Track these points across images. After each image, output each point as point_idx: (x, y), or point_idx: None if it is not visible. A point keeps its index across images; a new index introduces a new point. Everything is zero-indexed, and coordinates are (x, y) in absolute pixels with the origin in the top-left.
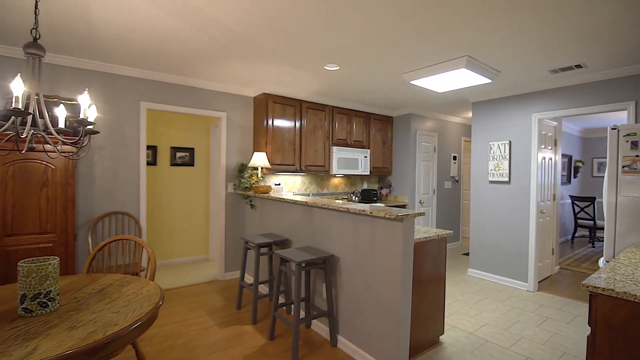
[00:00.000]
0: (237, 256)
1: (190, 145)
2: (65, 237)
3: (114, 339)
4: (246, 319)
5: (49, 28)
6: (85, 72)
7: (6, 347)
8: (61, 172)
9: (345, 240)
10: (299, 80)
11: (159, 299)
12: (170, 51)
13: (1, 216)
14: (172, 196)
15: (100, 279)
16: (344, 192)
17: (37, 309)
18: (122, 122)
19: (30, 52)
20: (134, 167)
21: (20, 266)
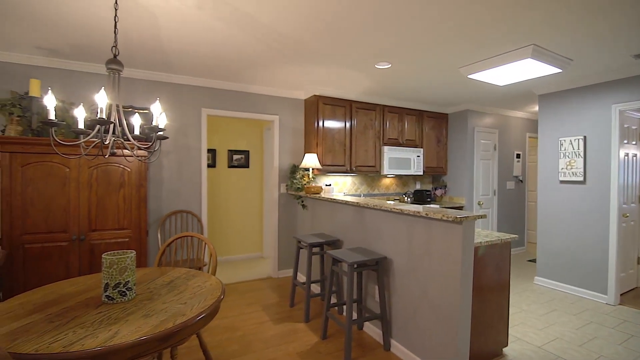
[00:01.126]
0: (290, 255)
1: (245, 148)
2: (139, 233)
3: (182, 328)
4: (299, 316)
5: (125, 45)
6: (155, 83)
7: (93, 329)
8: (135, 175)
9: (398, 242)
10: (349, 81)
11: (220, 293)
12: (227, 60)
13: (87, 214)
14: (229, 196)
15: (169, 272)
16: (395, 193)
17: (118, 297)
18: (186, 128)
19: (111, 67)
20: (196, 170)
21: (104, 258)
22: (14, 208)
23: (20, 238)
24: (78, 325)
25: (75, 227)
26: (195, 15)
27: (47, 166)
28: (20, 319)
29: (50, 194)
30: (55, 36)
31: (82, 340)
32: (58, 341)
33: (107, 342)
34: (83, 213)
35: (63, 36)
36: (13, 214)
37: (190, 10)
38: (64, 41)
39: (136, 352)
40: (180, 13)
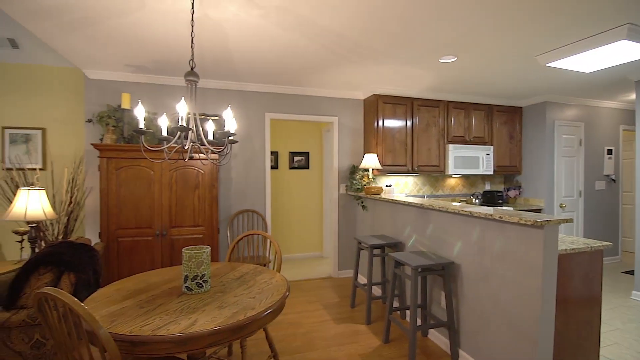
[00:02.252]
0: (350, 255)
1: (305, 150)
2: (211, 230)
3: (252, 321)
4: (360, 318)
5: (198, 58)
6: (224, 91)
7: (175, 317)
8: (208, 176)
9: (466, 247)
10: (410, 78)
11: (286, 289)
12: (289, 65)
13: (168, 212)
14: (291, 197)
15: (238, 267)
16: (461, 194)
17: (195, 288)
18: (251, 132)
19: (189, 79)
20: (260, 171)
21: (184, 252)
22: (110, 206)
23: (115, 232)
24: (163, 312)
25: (159, 224)
26: (259, 24)
27: (136, 169)
28: (117, 303)
29: (139, 194)
30: (141, 55)
31: (167, 325)
32: (148, 325)
33: (188, 329)
34: (165, 211)
35: (147, 54)
36: (110, 212)
37: (255, 20)
38: (148, 58)
39: (212, 341)
40: (246, 24)
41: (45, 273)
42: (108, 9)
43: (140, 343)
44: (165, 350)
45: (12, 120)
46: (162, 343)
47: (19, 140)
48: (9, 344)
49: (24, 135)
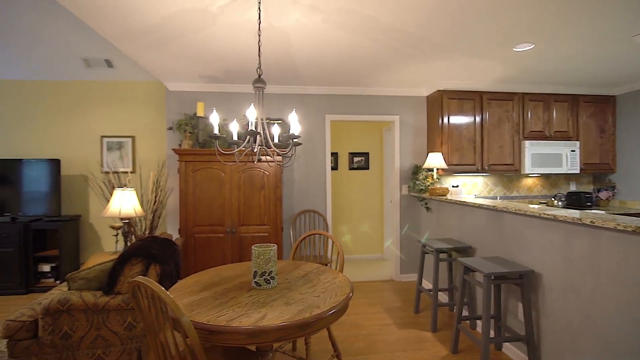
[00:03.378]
0: (412, 258)
1: (365, 150)
2: (276, 228)
3: (317, 319)
4: (424, 324)
5: (263, 65)
6: (286, 96)
7: (246, 310)
8: (273, 178)
9: (548, 255)
10: (478, 71)
11: (349, 290)
12: (348, 66)
13: (237, 211)
14: (351, 197)
15: (302, 266)
16: (541, 196)
17: (264, 284)
18: (312, 134)
19: (257, 85)
20: (321, 172)
21: (253, 249)
22: (188, 205)
23: (192, 229)
24: (235, 304)
25: (229, 222)
26: (320, 28)
27: (209, 171)
28: (195, 294)
29: (211, 194)
30: (213, 66)
31: (239, 317)
32: (222, 316)
33: (258, 323)
34: (234, 210)
35: (218, 65)
36: (187, 210)
37: (316, 25)
38: (219, 69)
39: (280, 335)
40: (307, 29)
41: (136, 264)
42: (186, 27)
43: (216, 332)
44: (237, 340)
45: (108, 130)
46: (235, 334)
47: (114, 147)
48: (107, 325)
49: (118, 142)
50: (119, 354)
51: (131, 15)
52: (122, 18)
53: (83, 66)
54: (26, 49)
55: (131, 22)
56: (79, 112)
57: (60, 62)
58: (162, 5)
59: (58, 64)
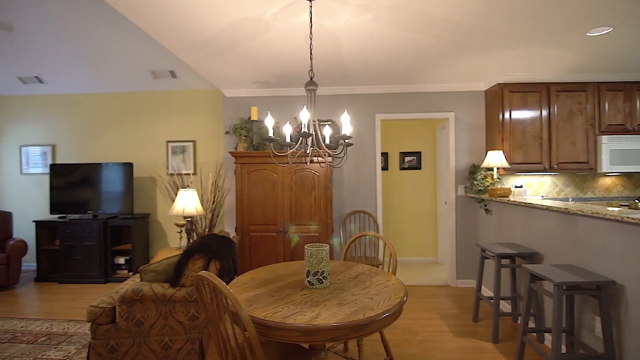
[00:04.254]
0: (470, 263)
1: (417, 149)
2: (326, 229)
3: (371, 322)
4: (484, 334)
5: (313, 68)
6: (335, 97)
7: (300, 308)
8: (323, 178)
9: (634, 264)
10: (545, 60)
11: (403, 294)
12: (399, 63)
13: (289, 211)
14: (402, 198)
15: (354, 267)
16: (621, 197)
17: (316, 284)
18: (362, 134)
19: (309, 88)
20: (371, 173)
21: (306, 249)
22: (244, 205)
23: (247, 228)
24: (290, 302)
25: (281, 221)
26: (371, 27)
27: (262, 173)
28: (252, 290)
29: (265, 195)
30: (265, 71)
31: (294, 315)
32: (278, 312)
33: (312, 321)
34: (286, 210)
35: (271, 70)
36: (243, 209)
37: (366, 24)
38: (271, 74)
39: (333, 335)
40: (358, 28)
41: (199, 259)
42: (241, 36)
43: (272, 328)
44: (292, 337)
45: (172, 135)
46: (291, 331)
47: (178, 151)
48: (173, 314)
49: (181, 146)
50: (184, 343)
51: (193, 28)
52: (185, 31)
53: (151, 78)
54: (103, 65)
55: (193, 35)
56: (148, 119)
57: (132, 75)
58: (221, 16)
59: (129, 77)
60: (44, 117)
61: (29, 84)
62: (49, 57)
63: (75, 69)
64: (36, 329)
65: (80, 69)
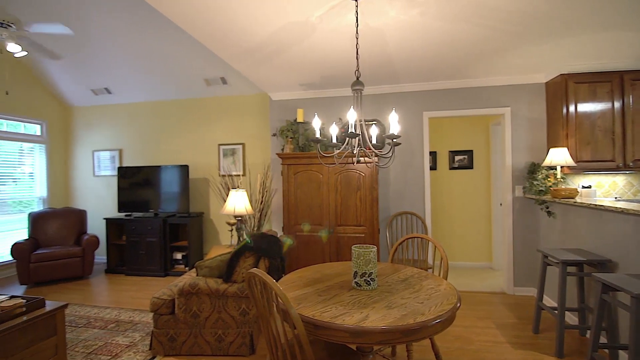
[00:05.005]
0: (529, 270)
1: (468, 148)
2: (372, 230)
3: (422, 327)
4: (547, 347)
5: (359, 67)
6: (380, 95)
7: (348, 309)
8: (368, 179)
9: None
10: (615, 46)
11: (457, 300)
12: (448, 58)
13: (334, 211)
14: (452, 199)
15: (402, 270)
16: None
17: (364, 285)
18: (409, 133)
19: (356, 88)
20: (419, 172)
21: (353, 249)
22: (290, 205)
23: (294, 227)
24: (338, 302)
25: (327, 222)
26: (418, 22)
27: (308, 174)
28: (300, 288)
29: (311, 195)
30: (311, 73)
31: (342, 316)
32: (326, 312)
33: (361, 323)
34: (332, 210)
35: (316, 72)
36: (290, 210)
37: (414, 19)
38: (316, 75)
39: (382, 339)
40: (404, 25)
41: (249, 257)
42: (288, 40)
43: (321, 327)
44: (340, 338)
45: (223, 138)
46: (339, 331)
47: (228, 153)
48: (226, 309)
49: (231, 149)
50: (235, 336)
51: (243, 36)
52: (236, 39)
53: (204, 85)
54: (162, 75)
55: (243, 42)
56: (201, 124)
57: (187, 84)
58: (268, 22)
59: (185, 85)
60: (112, 124)
61: (100, 95)
62: (116, 70)
63: (139, 80)
64: (106, 316)
65: (143, 80)
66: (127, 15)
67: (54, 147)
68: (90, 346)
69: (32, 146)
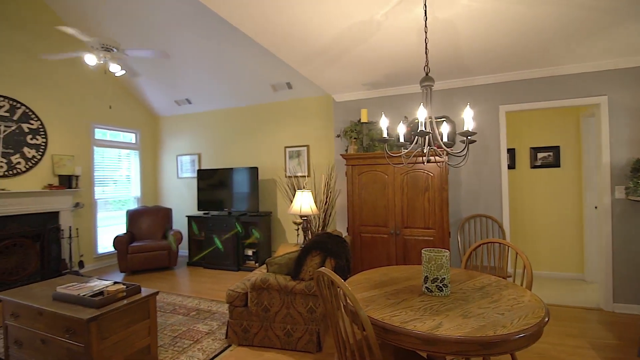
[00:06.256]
0: (633, 283)
1: (553, 144)
2: (442, 233)
3: (503, 340)
4: None
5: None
6: (447, 91)
7: (420, 315)
8: (437, 179)
9: None
10: None
11: (544, 314)
12: (528, 45)
13: (400, 213)
14: (534, 201)
15: (477, 277)
16: None
17: (436, 291)
18: (482, 129)
19: (425, 84)
20: (495, 172)
21: (423, 253)
22: (354, 206)
23: (358, 228)
24: (408, 307)
25: (392, 223)
26: (494, 9)
27: (373, 174)
28: (367, 290)
29: (375, 196)
30: (374, 72)
31: (413, 321)
32: (396, 316)
33: (434, 331)
34: (397, 212)
35: (380, 71)
36: (354, 210)
37: (489, 5)
38: (380, 74)
39: (457, 349)
40: (478, 13)
41: (316, 256)
42: (352, 40)
43: (391, 331)
44: (411, 344)
45: (289, 141)
46: (410, 337)
47: (293, 155)
48: (294, 305)
49: (296, 151)
50: (303, 332)
51: (308, 39)
52: (301, 42)
53: (271, 91)
54: (234, 84)
55: (308, 46)
56: (268, 128)
57: (256, 90)
58: (333, 24)
59: (254, 92)
60: (192, 131)
61: (182, 105)
62: (195, 81)
63: (214, 89)
64: (189, 304)
65: (218, 89)
66: (204, 30)
67: (145, 153)
68: (176, 330)
69: (128, 152)
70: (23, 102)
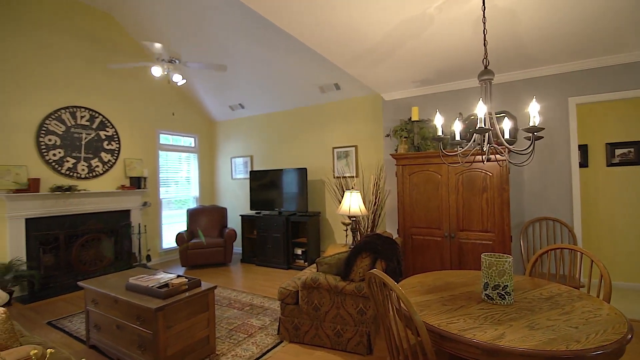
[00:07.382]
0: None
1: (635, 139)
2: (502, 237)
3: (576, 356)
4: None
5: (482, 55)
6: (507, 84)
7: (479, 323)
8: (497, 179)
9: None
10: None
11: (626, 330)
12: (601, 29)
13: (455, 214)
14: (610, 203)
15: (545, 286)
16: None
17: (497, 299)
18: (548, 123)
19: (484, 78)
20: (563, 170)
21: (483, 258)
22: (405, 206)
23: (409, 230)
24: (466, 314)
25: (447, 226)
26: None
27: (425, 174)
28: (421, 295)
29: (428, 197)
30: (425, 69)
31: (472, 330)
32: (453, 323)
33: (497, 341)
34: (452, 214)
35: (431, 67)
36: (405, 211)
37: None
38: (431, 70)
39: None
40: None
41: (366, 257)
42: (403, 36)
43: (448, 339)
44: (470, 354)
45: (337, 141)
46: (470, 346)
47: (342, 156)
48: (344, 306)
49: (345, 152)
50: (353, 334)
51: (356, 38)
52: (351, 42)
53: (319, 92)
54: (283, 88)
55: (357, 45)
56: (317, 129)
57: (304, 93)
58: (384, 20)
59: (303, 95)
60: (244, 134)
61: (235, 110)
62: (247, 86)
63: (265, 94)
64: (243, 299)
65: (268, 93)
66: (256, 39)
67: (203, 156)
68: (232, 324)
69: (188, 155)
70: (100, 112)
